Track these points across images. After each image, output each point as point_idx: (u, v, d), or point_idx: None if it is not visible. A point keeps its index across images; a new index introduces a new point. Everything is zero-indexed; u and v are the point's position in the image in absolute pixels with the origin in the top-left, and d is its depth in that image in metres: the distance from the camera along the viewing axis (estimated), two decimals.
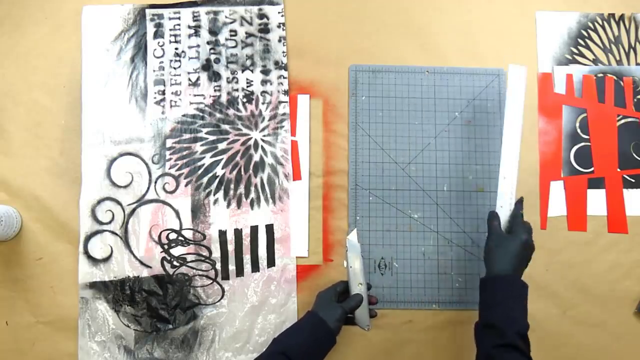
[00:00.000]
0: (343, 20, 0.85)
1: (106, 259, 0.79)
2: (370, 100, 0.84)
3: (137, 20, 0.83)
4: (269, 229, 0.80)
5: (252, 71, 0.83)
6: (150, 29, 0.83)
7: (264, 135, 0.82)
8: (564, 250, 0.81)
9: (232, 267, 0.80)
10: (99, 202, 0.80)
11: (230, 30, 0.83)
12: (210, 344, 0.78)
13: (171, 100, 0.82)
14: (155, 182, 0.80)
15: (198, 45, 0.83)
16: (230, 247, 0.80)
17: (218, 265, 0.80)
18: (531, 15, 0.86)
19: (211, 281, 0.79)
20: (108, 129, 0.81)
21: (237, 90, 0.82)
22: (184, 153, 0.81)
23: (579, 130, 0.84)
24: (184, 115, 0.82)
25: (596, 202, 0.82)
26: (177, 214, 0.80)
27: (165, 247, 0.80)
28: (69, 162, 0.81)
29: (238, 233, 0.80)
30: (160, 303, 0.79)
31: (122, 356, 0.77)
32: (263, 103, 0.82)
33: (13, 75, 0.83)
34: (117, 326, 0.78)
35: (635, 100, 0.84)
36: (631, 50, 0.85)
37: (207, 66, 0.82)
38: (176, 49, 0.83)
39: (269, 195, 0.81)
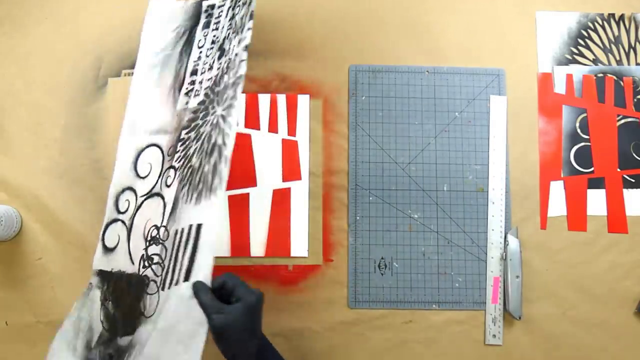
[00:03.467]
0: (343, 20, 0.85)
1: (112, 249, 0.76)
2: (370, 100, 0.84)
3: (194, 13, 0.82)
4: (197, 230, 0.62)
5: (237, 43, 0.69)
6: (202, 20, 0.81)
7: (224, 109, 0.67)
8: (564, 250, 0.81)
9: (169, 275, 0.64)
10: (123, 190, 0.77)
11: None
12: None
13: (195, 90, 0.77)
14: (162, 175, 0.75)
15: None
16: (175, 251, 0.65)
17: (163, 272, 0.66)
18: (531, 15, 0.86)
19: (156, 289, 0.65)
20: (144, 120, 0.78)
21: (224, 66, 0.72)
22: (187, 144, 0.74)
23: (579, 130, 0.84)
24: (199, 104, 0.75)
25: (596, 202, 0.82)
26: (164, 209, 0.71)
27: (147, 244, 0.72)
28: (69, 162, 0.81)
29: (179, 233, 0.65)
30: (125, 306, 0.69)
31: (81, 349, 0.69)
32: (230, 68, 0.68)
33: (13, 75, 0.83)
34: (95, 318, 0.72)
35: (635, 100, 0.84)
36: (631, 50, 0.85)
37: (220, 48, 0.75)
38: (215, 36, 0.78)
39: (209, 186, 0.63)
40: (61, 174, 0.81)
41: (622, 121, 0.84)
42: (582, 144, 0.84)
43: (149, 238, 0.72)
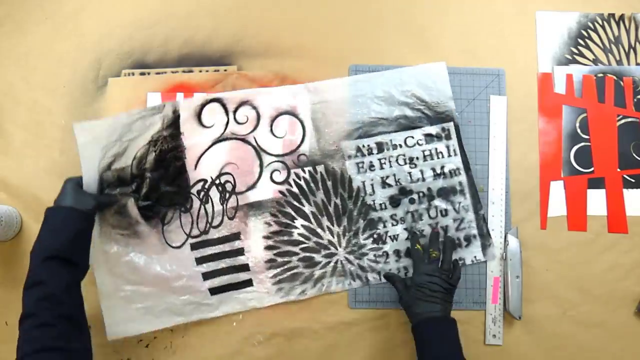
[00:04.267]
0: (343, 20, 0.85)
1: (202, 125, 0.79)
2: None
3: (437, 115, 0.83)
4: (247, 282, 0.79)
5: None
6: (431, 129, 0.82)
7: (347, 257, 0.80)
8: (564, 250, 0.81)
9: (207, 250, 0.78)
10: (254, 108, 0.80)
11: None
12: (122, 248, 0.77)
13: (360, 163, 0.80)
14: (283, 159, 0.80)
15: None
16: (223, 248, 0.78)
17: (202, 237, 0.78)
18: (531, 15, 0.86)
19: (186, 236, 0.78)
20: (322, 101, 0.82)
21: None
22: (312, 187, 0.80)
23: (579, 130, 0.84)
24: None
25: (596, 202, 0.82)
26: (254, 185, 0.79)
27: (218, 180, 0.78)
28: (69, 162, 0.81)
29: (237, 251, 0.79)
30: (162, 182, 0.78)
31: (107, 158, 0.77)
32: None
33: (13, 75, 0.83)
34: (132, 146, 0.78)
35: (635, 100, 0.84)
36: (631, 50, 0.85)
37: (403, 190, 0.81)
38: (410, 160, 0.81)
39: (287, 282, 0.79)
40: (61, 174, 0.81)
41: (622, 121, 0.84)
42: (582, 144, 0.84)
43: (222, 179, 0.78)
